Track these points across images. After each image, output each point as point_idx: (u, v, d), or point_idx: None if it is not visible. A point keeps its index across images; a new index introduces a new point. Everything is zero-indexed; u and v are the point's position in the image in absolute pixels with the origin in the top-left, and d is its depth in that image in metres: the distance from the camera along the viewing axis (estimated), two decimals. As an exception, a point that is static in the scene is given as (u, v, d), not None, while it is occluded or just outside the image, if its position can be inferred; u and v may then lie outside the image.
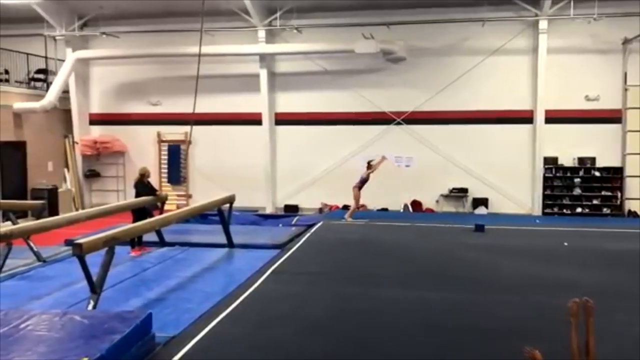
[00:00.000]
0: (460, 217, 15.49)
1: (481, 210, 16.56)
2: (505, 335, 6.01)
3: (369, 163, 14.42)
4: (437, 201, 17.02)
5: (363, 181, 14.13)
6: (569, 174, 16.26)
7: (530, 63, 16.19)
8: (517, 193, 16.56)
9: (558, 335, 5.98)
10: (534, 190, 16.39)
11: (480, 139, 16.55)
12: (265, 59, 17.17)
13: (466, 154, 16.63)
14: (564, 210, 16.26)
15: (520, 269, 9.00)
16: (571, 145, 16.09)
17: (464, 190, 16.78)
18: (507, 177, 16.48)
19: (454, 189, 16.81)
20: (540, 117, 16.01)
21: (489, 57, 16.22)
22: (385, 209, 16.99)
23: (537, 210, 16.28)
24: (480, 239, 11.61)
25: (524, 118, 16.35)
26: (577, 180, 16.22)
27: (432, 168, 16.74)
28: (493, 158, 16.44)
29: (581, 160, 16.17)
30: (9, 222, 10.82)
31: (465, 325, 6.30)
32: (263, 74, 17.18)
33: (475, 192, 16.78)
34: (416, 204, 16.92)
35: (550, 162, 16.26)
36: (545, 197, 16.32)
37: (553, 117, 15.96)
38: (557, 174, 16.29)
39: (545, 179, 16.25)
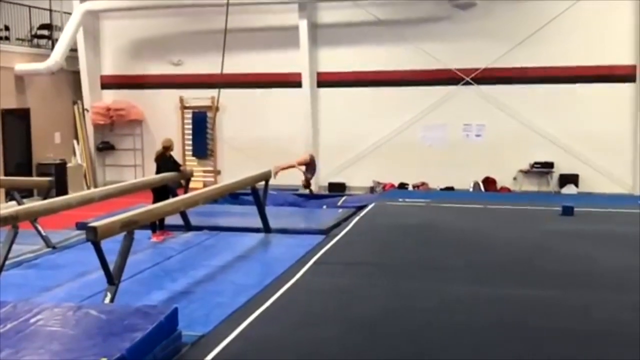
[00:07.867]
0: (544, 198, 15.34)
1: (570, 189, 16.31)
2: (601, 339, 5.95)
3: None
4: (514, 178, 16.83)
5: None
6: (681, 145, 15.80)
7: (634, 7, 15.68)
8: (614, 168, 16.18)
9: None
10: (636, 165, 15.98)
11: (569, 102, 16.20)
12: (305, 7, 17.11)
13: (552, 121, 16.30)
14: (675, 190, 15.84)
15: (620, 261, 8.86)
16: (685, 108, 15.59)
17: (548, 165, 16.51)
18: (602, 148, 16.11)
19: (536, 163, 16.56)
20: (646, 74, 15.55)
21: (581, 0, 15.70)
22: (451, 188, 16.88)
23: (640, 190, 15.94)
24: (569, 225, 11.46)
25: (626, 75, 15.89)
26: (692, 152, 15.75)
27: (508, 138, 16.50)
28: (585, 125, 16.07)
29: (698, 127, 15.67)
30: (13, 202, 11.19)
31: (551, 328, 6.23)
32: (303, 25, 17.14)
33: (563, 167, 16.49)
34: (489, 182, 16.76)
35: (658, 130, 15.80)
36: (650, 173, 15.92)
37: (662, 74, 15.48)
38: (667, 145, 15.84)
39: (651, 150, 15.84)
